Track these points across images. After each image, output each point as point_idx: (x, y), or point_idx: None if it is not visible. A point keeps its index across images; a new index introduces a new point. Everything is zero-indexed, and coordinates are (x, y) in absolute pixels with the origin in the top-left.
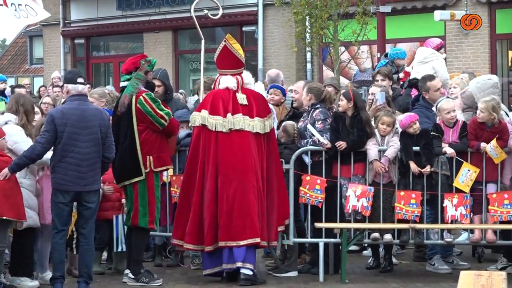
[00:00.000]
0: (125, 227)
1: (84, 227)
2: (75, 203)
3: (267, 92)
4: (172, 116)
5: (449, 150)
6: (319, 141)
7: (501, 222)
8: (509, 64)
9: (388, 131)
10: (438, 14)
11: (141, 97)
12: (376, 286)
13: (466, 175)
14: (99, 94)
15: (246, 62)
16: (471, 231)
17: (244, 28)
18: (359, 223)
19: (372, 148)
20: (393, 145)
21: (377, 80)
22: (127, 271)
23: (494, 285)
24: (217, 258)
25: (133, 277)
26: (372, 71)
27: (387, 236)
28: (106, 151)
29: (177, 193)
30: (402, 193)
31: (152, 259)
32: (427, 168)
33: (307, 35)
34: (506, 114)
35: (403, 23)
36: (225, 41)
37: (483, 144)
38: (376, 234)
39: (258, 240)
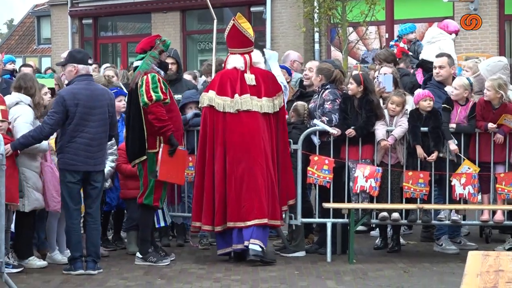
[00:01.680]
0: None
1: (91, 206)
2: None
3: None
4: (162, 104)
5: (453, 147)
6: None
7: (509, 202)
8: None
9: (397, 111)
10: None
11: (145, 76)
12: (383, 266)
13: (466, 171)
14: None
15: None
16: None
17: (252, 8)
18: (366, 204)
19: (380, 128)
20: (401, 125)
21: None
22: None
23: (502, 265)
24: (229, 238)
25: (141, 256)
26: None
27: (395, 214)
28: (113, 130)
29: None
30: (410, 173)
31: (159, 239)
32: (433, 156)
33: (315, 15)
34: None
35: (411, 3)
36: (233, 20)
37: (490, 125)
38: (385, 214)
39: (265, 220)
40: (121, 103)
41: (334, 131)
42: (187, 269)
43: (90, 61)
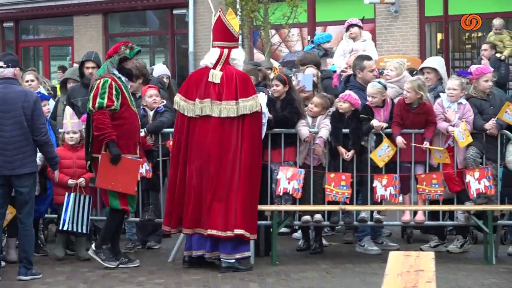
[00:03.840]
0: (77, 207)
1: (20, 212)
2: None
3: None
4: (106, 111)
5: (376, 123)
6: None
7: (430, 202)
8: (438, 47)
9: (315, 112)
10: None
11: (99, 80)
12: (306, 267)
13: (384, 150)
14: None
15: (176, 46)
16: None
17: (174, 11)
18: (289, 205)
19: (302, 129)
20: (325, 127)
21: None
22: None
23: (422, 265)
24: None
25: (94, 249)
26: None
27: (318, 216)
28: (34, 134)
29: None
30: (332, 175)
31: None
32: (350, 154)
33: (238, 17)
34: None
35: (333, 6)
36: (220, 11)
37: (399, 138)
38: (307, 217)
39: (214, 232)
40: (45, 108)
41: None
42: (110, 273)
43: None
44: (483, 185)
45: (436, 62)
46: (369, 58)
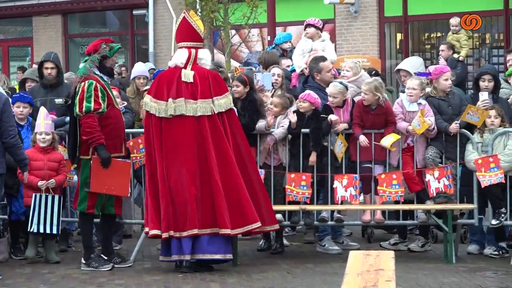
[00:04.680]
0: (43, 207)
1: None
2: None
3: (153, 77)
4: (93, 115)
5: (334, 118)
6: None
7: (396, 202)
8: (397, 47)
9: (275, 112)
10: None
11: (84, 82)
12: (267, 268)
13: (339, 146)
14: None
15: (136, 46)
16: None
17: (134, 12)
18: None
19: (259, 124)
20: (283, 126)
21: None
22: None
23: (382, 264)
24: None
25: (84, 262)
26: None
27: (278, 216)
28: (2, 136)
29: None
30: (292, 175)
31: (42, 245)
32: (312, 157)
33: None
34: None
35: (293, 6)
36: (184, 12)
37: (362, 137)
38: None
39: (195, 231)
40: (18, 109)
41: None
42: (70, 274)
43: None
44: (442, 184)
45: (410, 64)
46: (323, 59)
